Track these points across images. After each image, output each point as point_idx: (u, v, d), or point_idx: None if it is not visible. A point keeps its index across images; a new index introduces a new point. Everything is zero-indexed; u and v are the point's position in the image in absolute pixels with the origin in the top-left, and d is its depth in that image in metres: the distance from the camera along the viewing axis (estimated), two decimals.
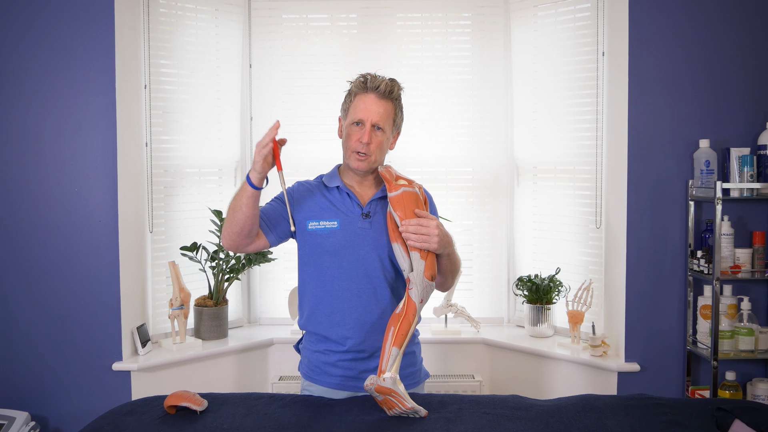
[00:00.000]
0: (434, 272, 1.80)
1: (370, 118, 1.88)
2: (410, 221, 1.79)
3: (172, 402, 1.81)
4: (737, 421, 1.69)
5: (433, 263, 1.80)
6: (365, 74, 1.93)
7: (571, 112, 3.04)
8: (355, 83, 1.94)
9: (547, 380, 2.95)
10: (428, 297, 1.82)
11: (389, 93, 1.90)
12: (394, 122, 1.95)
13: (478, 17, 3.26)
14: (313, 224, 1.93)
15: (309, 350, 1.99)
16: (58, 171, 2.78)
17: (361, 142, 1.88)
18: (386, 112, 1.90)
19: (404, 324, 1.78)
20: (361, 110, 1.89)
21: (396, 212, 1.82)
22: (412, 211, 1.81)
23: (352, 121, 1.91)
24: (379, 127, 1.89)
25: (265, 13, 3.29)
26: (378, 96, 1.89)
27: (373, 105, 1.89)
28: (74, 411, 2.78)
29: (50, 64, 2.75)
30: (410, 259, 1.80)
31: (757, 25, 2.72)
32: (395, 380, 1.72)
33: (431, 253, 1.81)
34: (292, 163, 3.30)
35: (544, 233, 3.17)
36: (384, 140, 1.91)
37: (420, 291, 1.79)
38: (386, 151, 1.96)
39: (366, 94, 1.90)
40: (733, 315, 2.69)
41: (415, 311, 1.78)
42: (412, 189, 1.85)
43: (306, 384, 2.00)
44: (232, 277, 3.10)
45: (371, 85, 1.90)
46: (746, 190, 2.62)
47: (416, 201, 1.83)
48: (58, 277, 2.78)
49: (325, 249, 1.91)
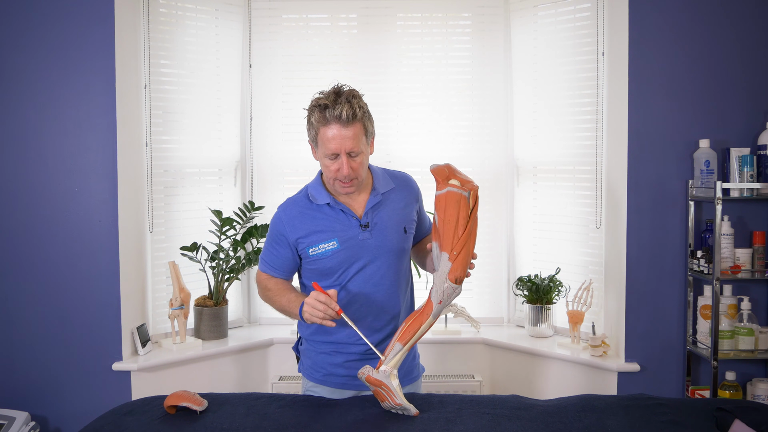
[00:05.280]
0: (460, 275, 1.72)
1: (343, 149, 1.79)
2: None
3: (172, 402, 1.81)
4: (737, 421, 1.69)
5: (460, 266, 1.72)
6: (320, 100, 1.80)
7: (571, 112, 3.03)
8: (314, 115, 1.81)
9: (547, 380, 2.95)
10: (450, 300, 1.75)
11: (353, 117, 1.78)
12: (366, 136, 1.84)
13: (478, 17, 3.26)
14: (313, 250, 1.89)
15: (313, 351, 1.98)
16: (58, 171, 2.77)
17: (342, 174, 1.81)
18: (356, 136, 1.79)
19: (415, 322, 1.76)
20: (329, 142, 1.79)
21: (435, 212, 1.75)
22: (452, 214, 1.72)
23: (324, 154, 1.82)
24: (355, 153, 1.81)
25: (265, 13, 3.29)
26: (342, 125, 1.77)
27: (341, 135, 1.78)
28: (74, 411, 2.78)
29: (50, 64, 2.75)
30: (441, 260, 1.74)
31: (756, 25, 2.72)
32: (389, 374, 1.71)
33: (462, 254, 1.72)
34: (292, 163, 3.31)
35: (544, 233, 3.17)
36: (363, 158, 1.84)
37: (440, 292, 1.74)
38: (368, 162, 1.90)
39: (328, 125, 1.78)
40: (733, 315, 2.69)
41: (431, 312, 1.75)
42: (458, 190, 1.74)
43: (310, 385, 1.99)
44: (232, 277, 3.10)
45: (332, 115, 1.77)
46: (746, 190, 2.62)
47: (458, 203, 1.73)
48: (58, 277, 2.78)
49: (330, 268, 1.90)
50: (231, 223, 3.06)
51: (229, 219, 3.05)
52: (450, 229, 1.71)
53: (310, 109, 1.84)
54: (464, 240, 1.71)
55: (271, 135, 3.31)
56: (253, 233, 3.09)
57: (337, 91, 1.82)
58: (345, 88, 1.83)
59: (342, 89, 1.82)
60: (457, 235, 1.71)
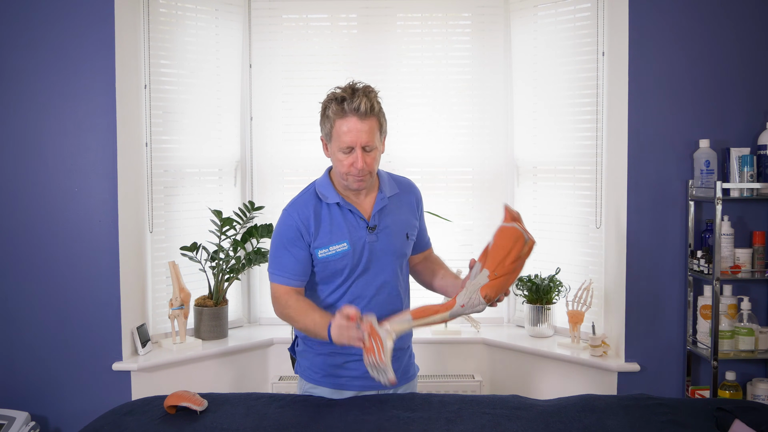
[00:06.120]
0: (491, 294, 1.73)
1: (359, 143, 1.79)
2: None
3: (172, 402, 1.81)
4: (737, 421, 1.69)
5: (495, 287, 1.74)
6: (338, 93, 1.81)
7: (571, 112, 3.04)
8: (331, 108, 1.81)
9: (547, 380, 2.95)
10: (470, 310, 1.75)
11: (371, 110, 1.78)
12: (380, 132, 1.85)
13: (478, 17, 3.26)
14: (323, 252, 1.86)
15: (311, 353, 1.97)
16: (58, 171, 2.78)
17: (356, 168, 1.80)
18: (372, 130, 1.79)
19: (432, 309, 1.77)
20: (345, 135, 1.78)
21: (493, 238, 1.77)
22: (507, 244, 1.74)
23: (339, 148, 1.81)
24: (370, 147, 1.81)
25: (265, 13, 3.29)
26: (360, 118, 1.77)
27: (358, 128, 1.77)
28: (74, 411, 2.78)
29: (50, 64, 2.75)
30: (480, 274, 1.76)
31: (756, 25, 2.72)
32: (389, 333, 1.71)
33: (501, 279, 1.73)
34: (292, 163, 3.31)
35: (544, 233, 3.17)
36: (377, 154, 1.84)
37: (466, 297, 1.74)
38: (380, 159, 1.89)
39: (345, 117, 1.78)
40: (733, 315, 2.69)
41: (451, 309, 1.75)
42: (522, 232, 1.77)
43: (308, 387, 1.98)
44: (232, 277, 3.10)
45: (350, 107, 1.77)
46: (746, 190, 2.62)
47: (516, 240, 1.76)
48: (58, 277, 2.78)
49: (338, 270, 1.88)
50: (231, 223, 3.06)
51: (229, 219, 3.05)
52: (500, 255, 1.75)
53: (325, 102, 1.84)
54: (509, 269, 1.75)
55: (271, 135, 3.31)
56: (253, 233, 3.09)
57: (354, 86, 1.83)
58: (360, 84, 1.84)
59: (358, 85, 1.83)
60: (505, 262, 1.74)
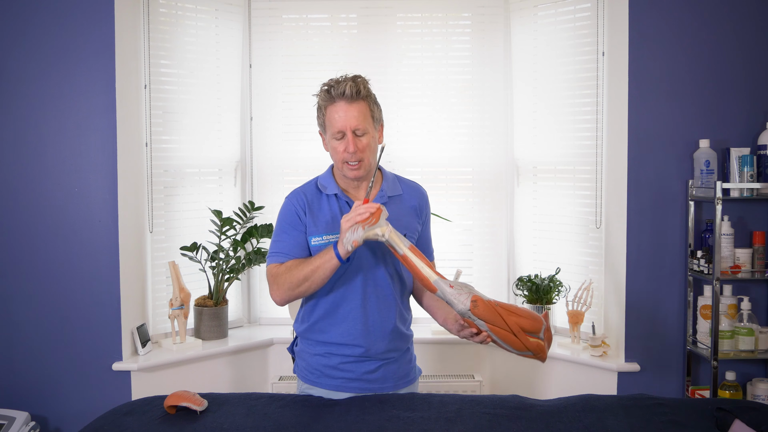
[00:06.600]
0: (480, 310, 1.71)
1: (348, 126, 1.83)
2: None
3: (172, 402, 1.81)
4: (737, 421, 1.69)
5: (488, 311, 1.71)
6: (326, 83, 1.87)
7: (571, 112, 3.03)
8: (320, 96, 1.88)
9: (547, 380, 2.95)
10: (451, 297, 1.73)
11: (357, 94, 1.84)
12: (373, 118, 1.89)
13: (478, 17, 3.26)
14: (316, 240, 1.89)
15: (307, 353, 1.98)
16: (58, 171, 2.78)
17: (348, 152, 1.84)
18: (361, 114, 1.84)
19: (428, 262, 1.78)
20: (336, 121, 1.84)
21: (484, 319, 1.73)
22: (524, 313, 1.74)
23: (332, 135, 1.86)
24: (361, 131, 1.85)
25: (265, 13, 3.29)
26: (347, 101, 1.83)
27: (346, 112, 1.83)
28: (74, 411, 2.78)
29: (50, 64, 2.75)
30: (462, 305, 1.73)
31: (757, 25, 2.72)
32: (387, 225, 1.75)
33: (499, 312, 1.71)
34: (292, 163, 3.31)
35: (544, 233, 3.17)
36: (370, 140, 1.87)
37: (458, 287, 1.73)
38: (376, 149, 1.91)
39: (334, 103, 1.84)
40: (733, 315, 2.69)
41: (440, 276, 1.75)
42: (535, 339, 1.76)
43: (305, 387, 1.98)
44: (232, 277, 3.10)
45: (336, 92, 1.83)
46: (746, 190, 2.62)
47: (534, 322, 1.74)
48: (58, 277, 2.78)
49: None
50: (231, 223, 3.06)
51: (229, 219, 3.05)
52: (514, 309, 1.74)
53: (318, 95, 1.90)
54: (509, 318, 1.72)
55: (271, 135, 3.31)
56: (253, 233, 3.09)
57: (344, 75, 1.89)
58: (350, 75, 1.89)
59: (347, 75, 1.89)
60: (512, 313, 1.72)
